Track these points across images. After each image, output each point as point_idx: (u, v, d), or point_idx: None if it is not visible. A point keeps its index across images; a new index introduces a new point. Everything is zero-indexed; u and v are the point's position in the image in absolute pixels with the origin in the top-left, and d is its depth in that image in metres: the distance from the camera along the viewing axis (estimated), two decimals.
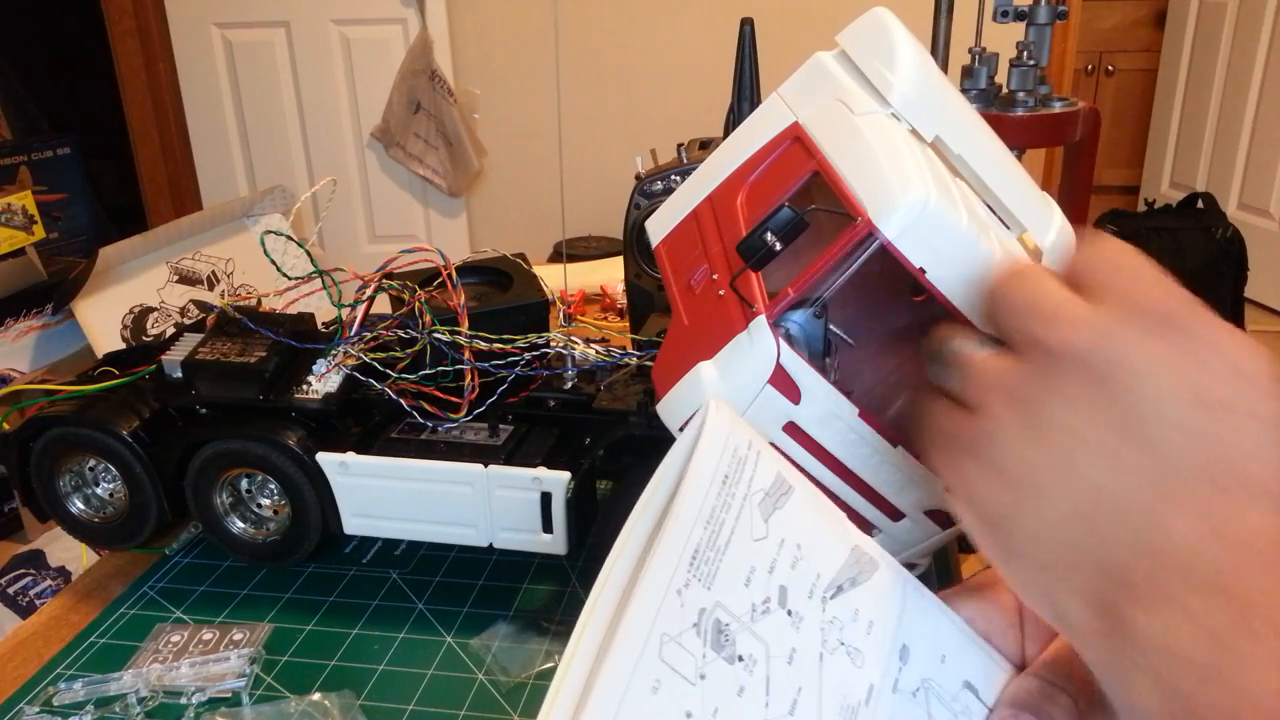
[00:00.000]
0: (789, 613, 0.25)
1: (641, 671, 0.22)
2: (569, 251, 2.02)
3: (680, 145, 0.62)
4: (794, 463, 0.37)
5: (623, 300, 0.83)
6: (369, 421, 0.49)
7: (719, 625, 0.24)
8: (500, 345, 0.47)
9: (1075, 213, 0.97)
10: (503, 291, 0.55)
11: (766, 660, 0.24)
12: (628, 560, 0.24)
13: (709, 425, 0.25)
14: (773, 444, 0.36)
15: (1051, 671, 0.28)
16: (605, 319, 0.87)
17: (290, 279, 0.52)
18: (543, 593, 0.48)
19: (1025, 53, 0.95)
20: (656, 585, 0.23)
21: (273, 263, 0.50)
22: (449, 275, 0.49)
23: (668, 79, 2.23)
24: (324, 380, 0.48)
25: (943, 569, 0.50)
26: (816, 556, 0.27)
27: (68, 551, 1.14)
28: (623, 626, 0.22)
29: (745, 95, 0.66)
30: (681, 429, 0.36)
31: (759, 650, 0.24)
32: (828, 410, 0.35)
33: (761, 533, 0.25)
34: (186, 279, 1.26)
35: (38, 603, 1.08)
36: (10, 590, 1.10)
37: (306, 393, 0.48)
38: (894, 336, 0.46)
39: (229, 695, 0.42)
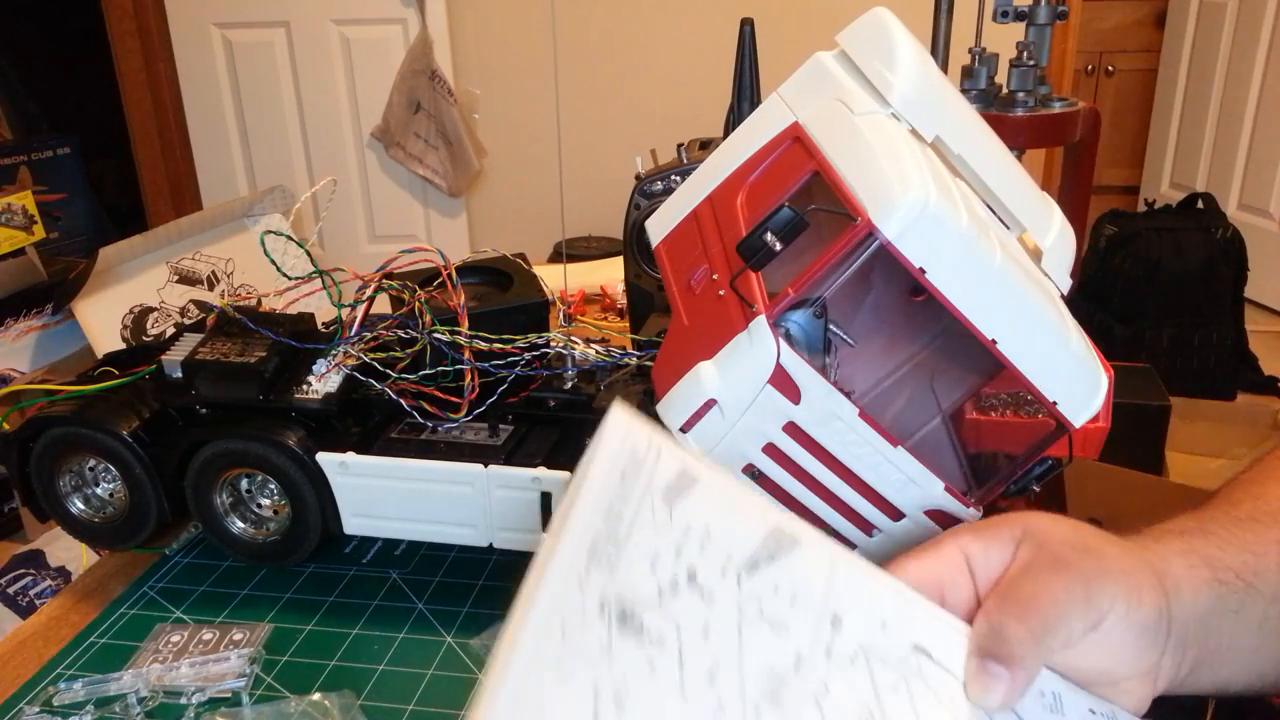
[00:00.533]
0: (700, 591, 0.26)
1: (546, 654, 0.23)
2: (569, 251, 2.02)
3: (680, 145, 0.62)
4: (793, 463, 0.37)
5: (623, 300, 0.83)
6: (369, 421, 0.49)
7: (624, 609, 0.25)
8: (500, 345, 0.47)
9: (1075, 213, 0.97)
10: (503, 291, 0.55)
11: (678, 637, 0.25)
12: (540, 563, 0.25)
13: (605, 429, 0.27)
14: (772, 444, 0.36)
15: (1000, 605, 0.29)
16: (605, 319, 0.87)
17: (290, 279, 0.51)
18: None
19: (1025, 53, 0.95)
20: (556, 576, 0.24)
21: (273, 263, 0.50)
22: (449, 275, 0.49)
23: (668, 79, 2.22)
24: (324, 380, 0.48)
25: None
26: (727, 537, 0.28)
27: (68, 551, 1.14)
28: (527, 617, 0.23)
29: (745, 95, 0.66)
30: (682, 429, 0.36)
31: (669, 628, 0.25)
32: (828, 410, 0.35)
33: (665, 521, 0.27)
34: (186, 279, 1.26)
35: (38, 603, 1.08)
36: (10, 590, 1.10)
37: (306, 393, 0.48)
38: (894, 337, 0.46)
39: (229, 695, 0.42)
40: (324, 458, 0.46)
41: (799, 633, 0.28)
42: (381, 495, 0.46)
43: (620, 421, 0.27)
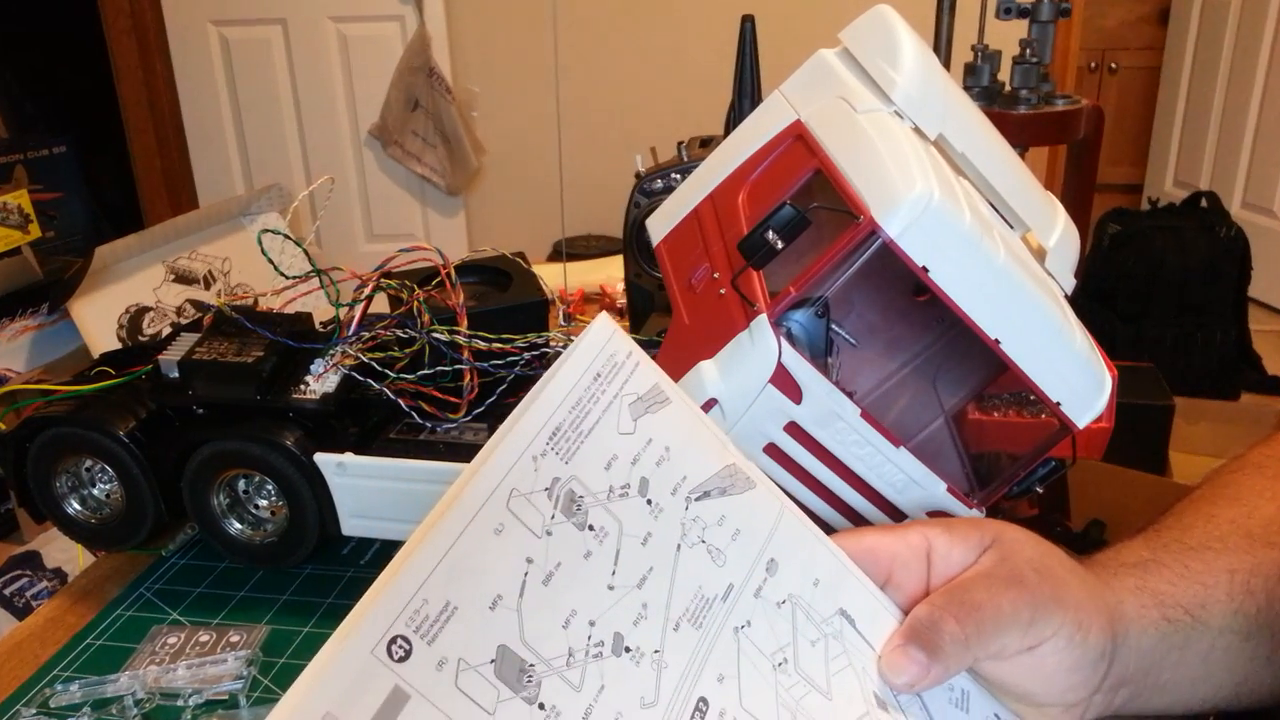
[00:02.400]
0: (648, 501, 0.27)
1: (487, 513, 0.24)
2: (569, 250, 2.02)
3: (680, 143, 0.62)
4: (794, 462, 0.37)
5: (623, 300, 0.83)
6: (367, 422, 0.48)
7: (572, 495, 0.26)
8: (499, 345, 0.47)
9: (1078, 211, 0.97)
10: (502, 291, 0.54)
11: (619, 536, 0.26)
12: (500, 433, 0.26)
13: (589, 331, 0.28)
14: (773, 444, 0.36)
15: (945, 600, 0.30)
16: None
17: (288, 278, 0.51)
18: None
19: (1028, 50, 0.95)
20: (513, 447, 0.25)
21: (270, 262, 0.50)
22: (448, 274, 0.49)
23: (668, 77, 2.22)
24: (322, 380, 0.48)
25: None
26: (685, 461, 0.29)
27: (64, 553, 1.14)
28: (475, 476, 0.24)
29: (746, 93, 0.65)
30: None
31: (612, 525, 0.26)
32: (829, 410, 0.35)
33: (629, 428, 0.28)
34: (183, 278, 1.25)
35: (34, 604, 1.08)
36: (6, 592, 1.10)
37: (304, 393, 0.47)
38: (896, 336, 0.45)
39: (226, 697, 0.41)
40: (322, 458, 0.46)
41: (734, 566, 0.29)
42: (380, 496, 0.46)
43: (604, 327, 0.28)
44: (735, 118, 0.66)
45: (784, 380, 0.34)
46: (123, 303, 1.17)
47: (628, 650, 0.26)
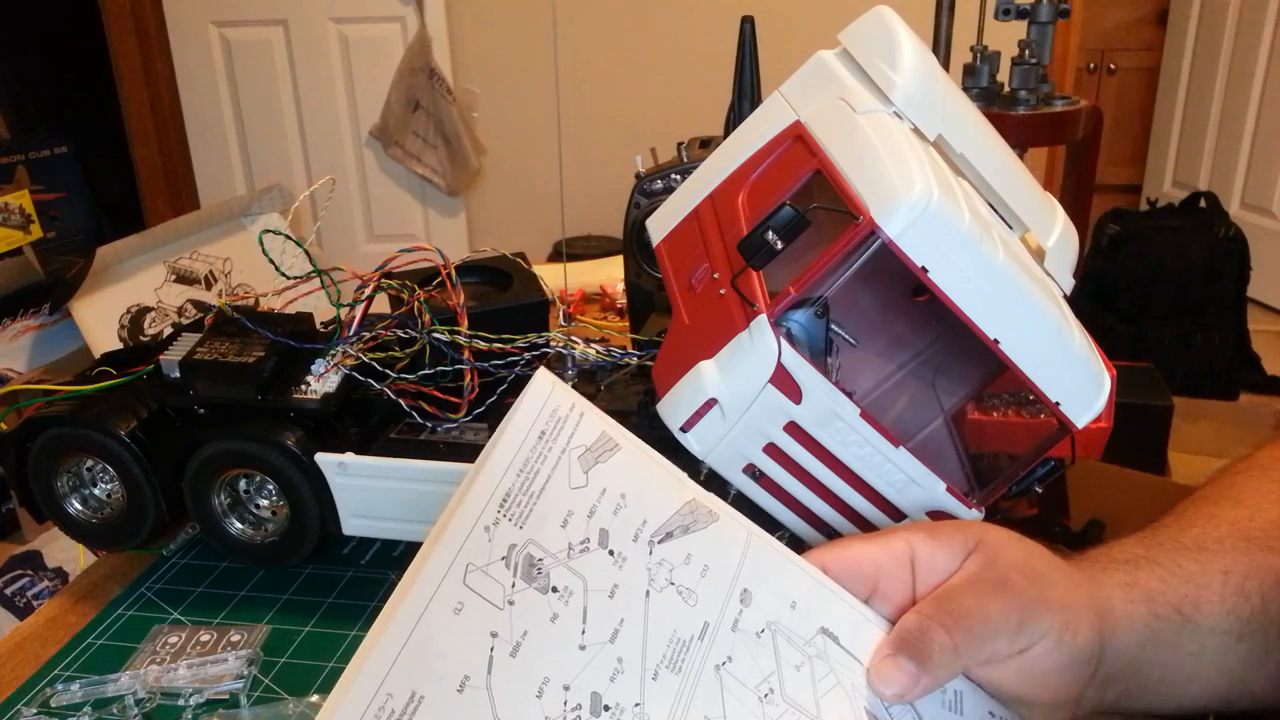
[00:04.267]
0: (610, 552, 0.27)
1: (444, 594, 0.24)
2: (569, 251, 2.02)
3: (680, 144, 0.62)
4: (794, 463, 0.37)
5: (623, 300, 0.83)
6: (368, 422, 0.48)
7: (531, 559, 0.26)
8: (500, 345, 0.47)
9: (1077, 212, 0.97)
10: (502, 291, 0.54)
11: (584, 593, 0.26)
12: (450, 509, 0.25)
13: (528, 391, 0.28)
14: (773, 444, 0.36)
15: (934, 609, 0.30)
16: (605, 319, 0.86)
17: (289, 278, 0.51)
18: None
19: (1027, 51, 0.95)
20: (464, 521, 0.25)
21: (271, 262, 0.50)
22: (448, 274, 0.49)
23: (668, 78, 2.22)
24: (323, 380, 0.48)
25: None
26: (643, 505, 0.28)
27: (65, 552, 1.14)
28: (428, 558, 0.24)
29: (746, 94, 0.65)
30: (682, 428, 0.36)
31: (576, 584, 0.26)
32: (829, 410, 0.35)
33: (581, 482, 0.27)
34: (184, 278, 1.25)
35: (35, 604, 1.08)
36: (7, 591, 1.10)
37: (305, 393, 0.47)
38: (896, 336, 0.45)
39: (227, 697, 0.41)
40: (322, 458, 0.46)
41: (707, 603, 0.28)
42: (380, 496, 0.46)
43: (543, 383, 0.28)
44: (735, 118, 0.66)
45: (784, 380, 0.34)
46: (124, 303, 1.17)
47: (607, 709, 0.25)
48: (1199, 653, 0.32)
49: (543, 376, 0.28)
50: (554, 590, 0.26)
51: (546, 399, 0.28)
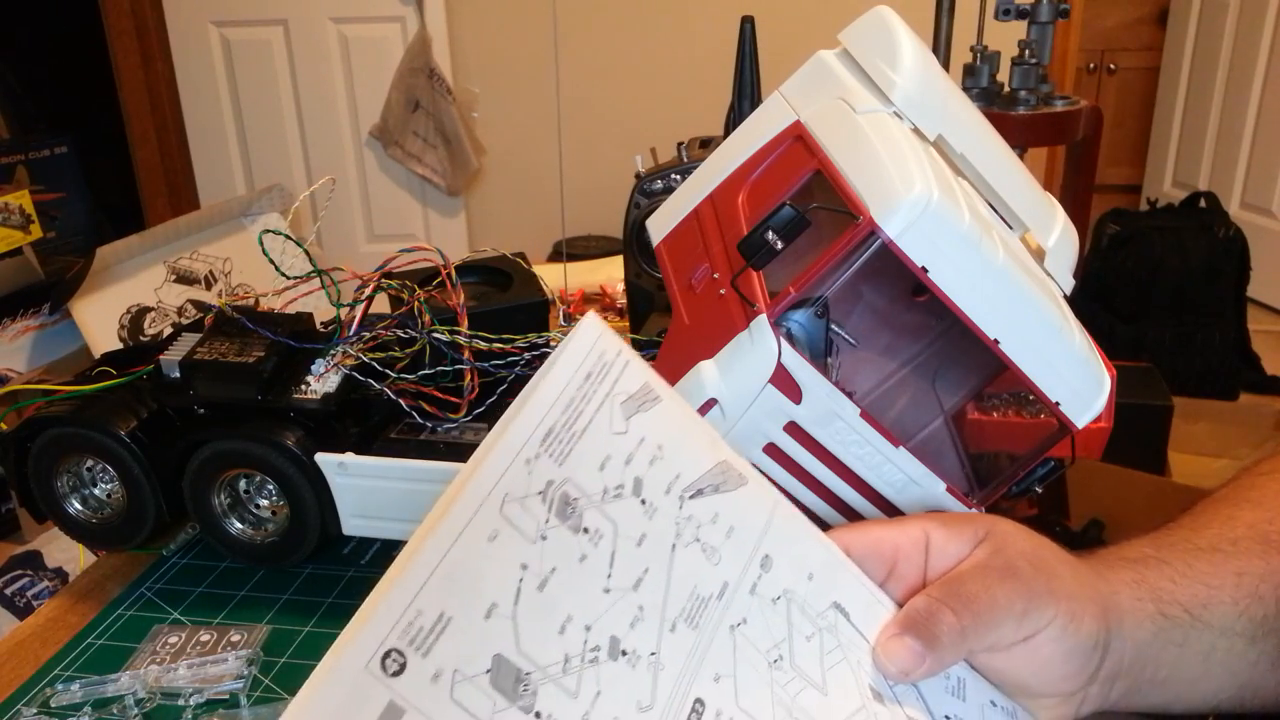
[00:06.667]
0: (642, 501, 0.27)
1: (480, 521, 0.24)
2: (569, 251, 2.02)
3: (680, 144, 0.62)
4: (794, 462, 0.37)
5: (623, 300, 0.83)
6: (368, 422, 0.48)
7: (566, 498, 0.26)
8: (500, 345, 0.47)
9: (1077, 212, 0.97)
10: (502, 291, 0.54)
11: (614, 538, 0.26)
12: (493, 438, 0.25)
13: (578, 330, 0.28)
14: (773, 444, 0.36)
15: (942, 592, 0.30)
16: (605, 319, 0.86)
17: (289, 278, 0.51)
18: None
19: (1027, 51, 0.95)
20: (506, 451, 0.25)
21: (271, 262, 0.50)
22: (448, 275, 0.49)
23: (668, 78, 2.22)
24: (323, 380, 0.48)
25: None
26: (678, 459, 0.28)
27: (65, 552, 1.14)
28: (468, 483, 0.24)
29: (746, 94, 0.65)
30: None
31: (607, 528, 0.26)
32: (829, 410, 0.35)
33: (621, 428, 0.27)
34: (184, 278, 1.26)
35: (35, 604, 1.08)
36: (7, 591, 1.10)
37: (305, 393, 0.47)
38: (896, 336, 0.45)
39: (227, 697, 0.41)
40: (322, 458, 0.46)
41: (729, 564, 0.29)
42: (380, 496, 0.46)
43: (592, 326, 0.28)
44: (735, 118, 0.66)
45: (784, 380, 0.34)
46: (124, 303, 1.17)
47: (624, 654, 0.25)
48: (1208, 654, 0.32)
49: (591, 319, 0.28)
50: (585, 531, 0.26)
51: (595, 342, 0.28)
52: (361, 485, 0.46)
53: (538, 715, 0.23)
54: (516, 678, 0.23)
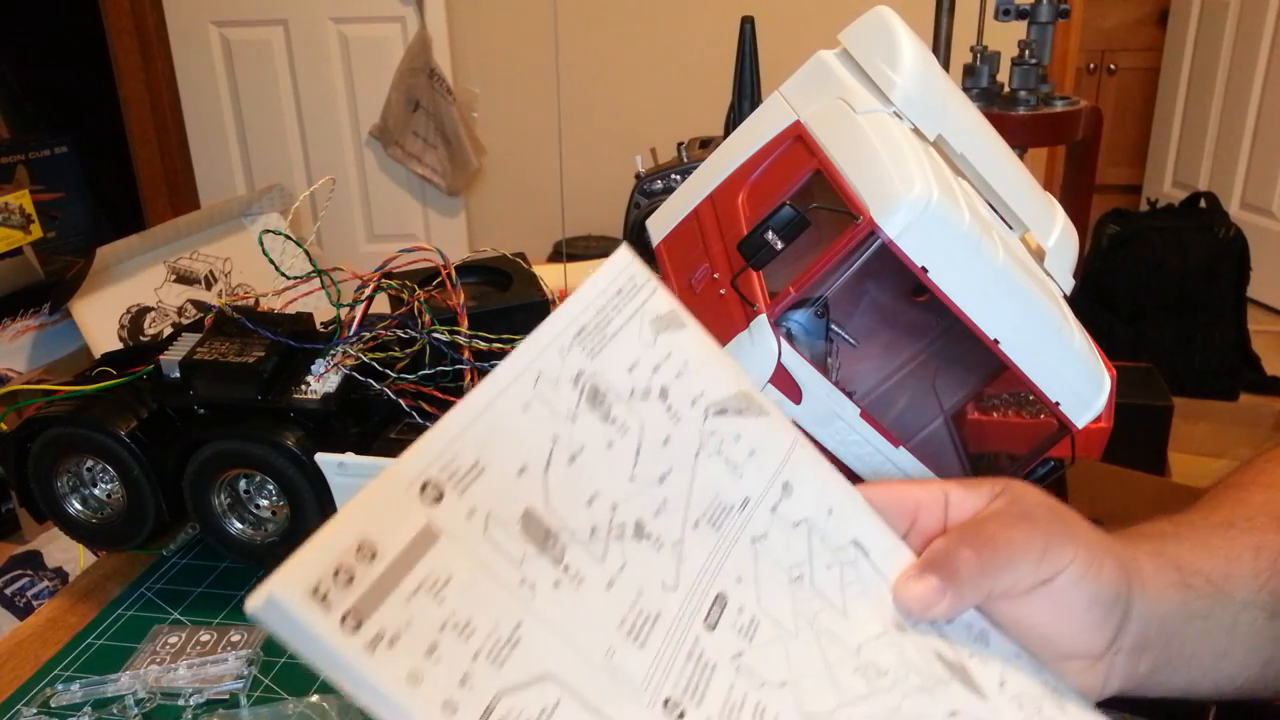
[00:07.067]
0: (669, 408, 0.28)
1: (515, 390, 0.25)
2: (569, 251, 2.02)
3: (680, 144, 0.62)
4: None
5: None
6: (368, 422, 0.48)
7: (596, 389, 0.26)
8: (500, 345, 0.47)
9: (1077, 212, 0.97)
10: (502, 291, 0.54)
11: (640, 433, 0.27)
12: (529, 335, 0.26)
13: (611, 258, 0.29)
14: None
15: (961, 532, 0.30)
16: None
17: (289, 278, 0.51)
18: None
19: (1027, 51, 0.95)
20: (540, 338, 0.26)
21: (271, 262, 0.50)
22: (448, 275, 0.49)
23: (668, 78, 2.22)
24: (323, 380, 0.48)
25: None
26: (703, 378, 0.29)
27: (65, 552, 1.14)
28: (507, 361, 0.25)
29: (746, 94, 0.65)
30: None
31: (633, 422, 0.27)
32: (829, 410, 0.35)
33: (650, 340, 0.28)
34: (184, 278, 1.26)
35: (35, 604, 1.08)
36: (7, 591, 1.10)
37: (305, 393, 0.47)
38: (896, 336, 0.45)
39: (227, 697, 0.41)
40: (323, 458, 0.46)
41: (751, 481, 0.29)
42: None
43: (625, 254, 0.29)
44: (735, 118, 0.66)
45: (784, 380, 0.34)
46: (124, 303, 1.17)
47: (649, 536, 0.26)
48: (1232, 627, 0.32)
49: (624, 250, 0.29)
50: (613, 422, 0.26)
51: (627, 265, 0.29)
52: (361, 485, 0.46)
53: (566, 569, 0.23)
54: (546, 533, 0.24)
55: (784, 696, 0.26)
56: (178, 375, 0.48)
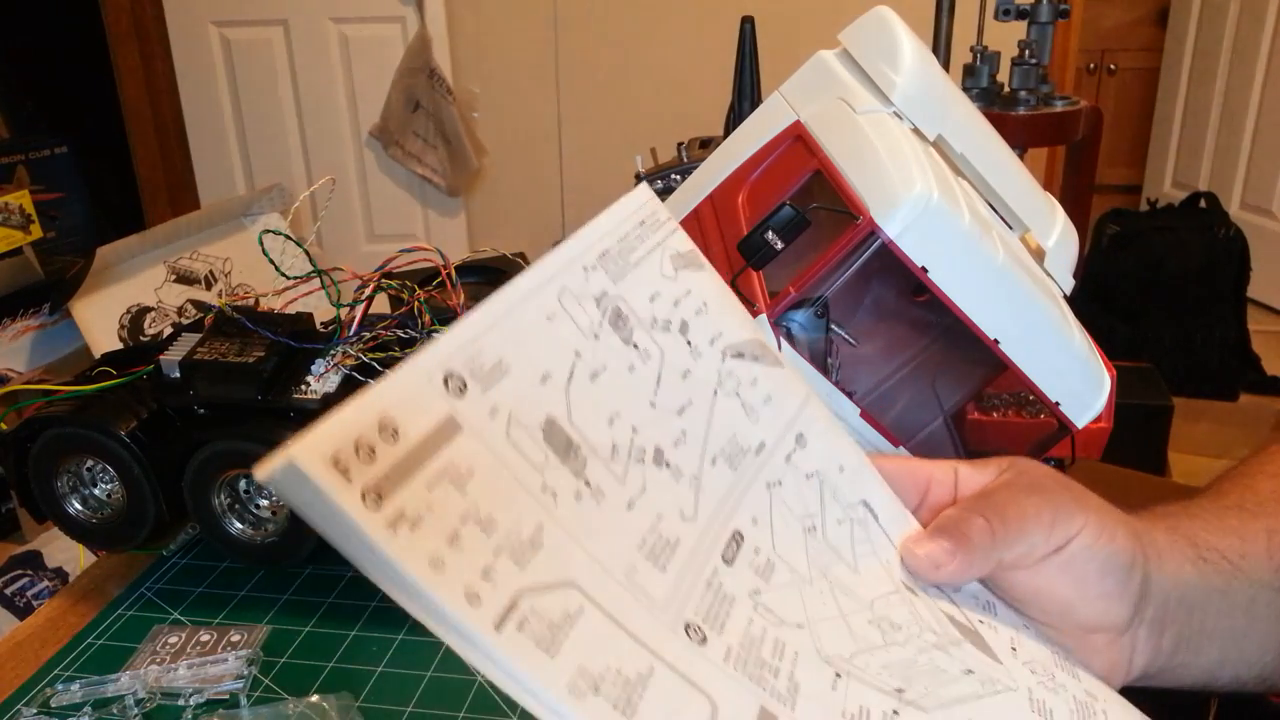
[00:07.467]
0: (688, 343, 0.27)
1: (540, 300, 0.24)
2: None
3: (680, 144, 0.62)
4: None
5: None
6: None
7: (619, 312, 0.26)
8: None
9: (1077, 212, 0.97)
10: None
11: (660, 362, 0.26)
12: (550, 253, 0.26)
13: (631, 194, 0.28)
14: None
15: (972, 501, 0.30)
16: None
17: (289, 278, 0.51)
18: None
19: (1027, 51, 0.95)
20: (561, 256, 0.25)
21: (271, 262, 0.50)
22: (448, 274, 0.49)
23: (668, 78, 2.22)
24: (323, 380, 0.48)
25: None
26: (721, 319, 0.29)
27: (65, 552, 1.14)
28: (530, 272, 0.24)
29: (746, 94, 0.65)
30: None
31: (654, 351, 0.26)
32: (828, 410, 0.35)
33: (671, 274, 0.28)
34: (184, 278, 1.26)
35: (35, 604, 1.08)
36: (7, 591, 1.10)
37: (305, 393, 0.47)
38: (896, 336, 0.45)
39: (227, 697, 0.41)
40: None
41: (767, 426, 0.28)
42: None
43: (645, 189, 0.28)
44: (735, 119, 0.67)
45: None
46: (124, 303, 1.17)
47: (667, 465, 0.25)
48: (1250, 606, 0.32)
49: (645, 186, 0.29)
50: (635, 347, 0.26)
51: (648, 200, 0.28)
52: None
53: (587, 483, 0.23)
54: (569, 444, 0.23)
55: (802, 637, 0.25)
56: (178, 375, 0.48)
